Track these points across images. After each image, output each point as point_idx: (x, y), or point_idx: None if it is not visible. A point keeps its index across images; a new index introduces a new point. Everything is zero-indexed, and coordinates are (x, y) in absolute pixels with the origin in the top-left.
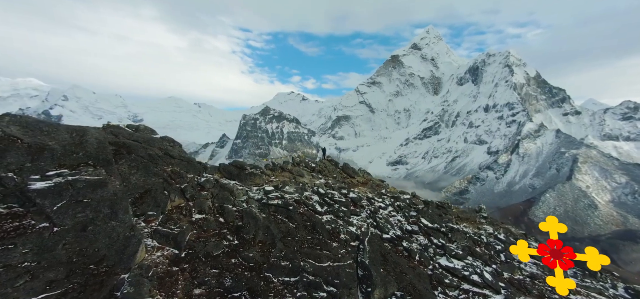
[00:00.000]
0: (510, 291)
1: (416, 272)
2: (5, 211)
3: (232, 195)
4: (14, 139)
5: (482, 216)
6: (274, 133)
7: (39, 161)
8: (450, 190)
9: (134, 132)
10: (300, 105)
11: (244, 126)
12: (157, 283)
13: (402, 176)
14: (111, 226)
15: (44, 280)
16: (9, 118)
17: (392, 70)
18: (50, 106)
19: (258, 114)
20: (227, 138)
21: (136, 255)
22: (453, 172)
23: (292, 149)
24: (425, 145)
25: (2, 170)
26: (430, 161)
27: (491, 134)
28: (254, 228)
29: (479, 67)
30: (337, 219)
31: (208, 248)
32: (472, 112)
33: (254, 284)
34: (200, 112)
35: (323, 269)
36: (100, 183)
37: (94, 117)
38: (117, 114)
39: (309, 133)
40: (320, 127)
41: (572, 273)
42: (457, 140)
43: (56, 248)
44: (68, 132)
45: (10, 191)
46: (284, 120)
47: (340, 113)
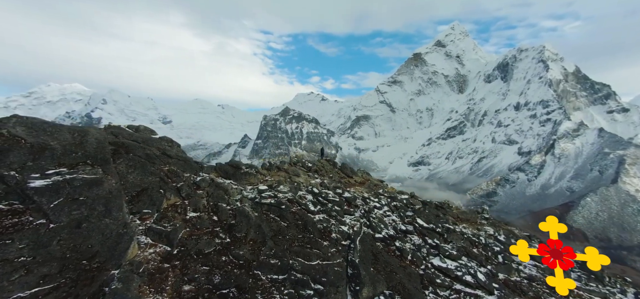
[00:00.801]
0: (504, 292)
1: (407, 272)
2: (6, 208)
3: (226, 194)
4: (18, 139)
5: (484, 218)
6: (293, 134)
7: (39, 161)
8: (477, 192)
9: (134, 132)
10: (319, 105)
11: (264, 126)
12: (148, 279)
13: (424, 177)
14: (105, 223)
15: (38, 274)
16: (15, 120)
17: (414, 69)
18: (91, 109)
19: (278, 115)
20: (248, 138)
21: (127, 252)
22: (479, 173)
23: (312, 149)
24: (449, 145)
25: (5, 168)
26: (454, 162)
27: (522, 134)
28: (246, 226)
29: (509, 64)
30: (330, 218)
31: (200, 245)
32: (501, 110)
33: (243, 282)
34: (223, 113)
35: (311, 268)
36: (96, 182)
37: (128, 118)
38: (148, 116)
39: (328, 133)
40: (340, 127)
41: (575, 276)
42: (484, 140)
43: (51, 243)
44: (70, 132)
45: (12, 188)
46: (303, 120)
47: (359, 113)
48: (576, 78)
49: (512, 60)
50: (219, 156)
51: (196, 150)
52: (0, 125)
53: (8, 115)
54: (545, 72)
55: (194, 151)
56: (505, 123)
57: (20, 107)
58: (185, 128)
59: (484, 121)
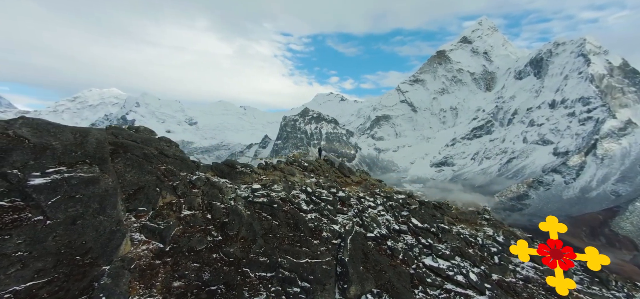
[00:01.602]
0: (497, 292)
1: (397, 271)
2: (7, 205)
3: (221, 193)
4: (23, 139)
5: (484, 218)
6: (312, 134)
7: (41, 160)
8: (506, 195)
9: (134, 132)
10: (339, 105)
11: (284, 127)
12: (138, 275)
13: (447, 178)
14: (99, 220)
15: (33, 269)
16: (22, 121)
17: (438, 67)
18: (126, 112)
19: (297, 115)
20: (268, 138)
21: (119, 248)
22: (509, 175)
23: (331, 149)
24: (474, 145)
25: (8, 167)
26: (480, 163)
27: (558, 133)
28: (238, 224)
29: (544, 58)
30: (322, 217)
31: (192, 243)
32: (534, 108)
33: (231, 279)
34: (245, 114)
35: (299, 266)
36: (92, 180)
37: (158, 120)
38: (176, 118)
39: (347, 133)
40: (359, 127)
41: (577, 279)
42: (514, 140)
43: (47, 239)
44: (72, 132)
45: (14, 186)
46: (322, 120)
47: (379, 113)
48: (623, 72)
49: (547, 54)
50: (241, 156)
51: (220, 150)
52: (8, 126)
53: (58, 119)
54: (586, 66)
55: (218, 151)
56: (539, 121)
57: (66, 110)
58: (210, 129)
59: (514, 120)
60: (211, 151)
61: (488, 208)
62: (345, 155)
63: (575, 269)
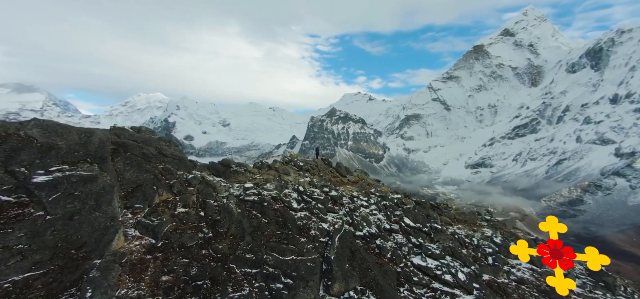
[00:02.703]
0: (485, 292)
1: (383, 269)
2: (14, 200)
3: (214, 191)
4: (32, 139)
5: (484, 219)
6: (339, 134)
7: (46, 159)
8: (555, 199)
9: (136, 133)
10: (366, 105)
11: (311, 127)
12: (129, 269)
13: (485, 180)
14: (94, 216)
15: (31, 261)
16: (34, 122)
17: (474, 62)
18: (168, 115)
19: (324, 116)
20: (296, 139)
21: (111, 243)
22: (559, 178)
23: (358, 149)
24: (517, 145)
25: (16, 165)
26: (524, 165)
27: (622, 131)
28: (228, 222)
29: (604, 49)
30: (312, 216)
31: (183, 239)
32: (591, 104)
33: (217, 274)
34: (274, 116)
35: (284, 263)
36: (91, 178)
37: (195, 122)
38: (211, 119)
39: (375, 133)
40: (388, 127)
41: (580, 282)
42: (566, 139)
43: (46, 233)
44: (78, 133)
45: (20, 183)
46: (349, 120)
47: (409, 112)
48: None
49: (608, 44)
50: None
51: (250, 150)
52: (20, 127)
53: (113, 122)
54: None
55: (249, 151)
56: (597, 119)
57: (119, 114)
58: (241, 130)
59: (565, 117)
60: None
61: (490, 209)
62: (373, 156)
63: (580, 273)
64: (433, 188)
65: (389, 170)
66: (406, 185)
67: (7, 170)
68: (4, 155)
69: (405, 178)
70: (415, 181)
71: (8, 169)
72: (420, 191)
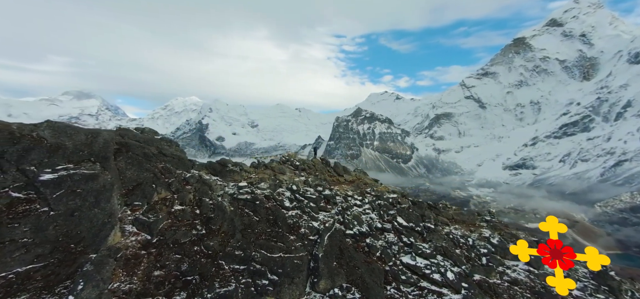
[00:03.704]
0: (473, 292)
1: (371, 267)
2: (23, 197)
3: (210, 190)
4: (42, 140)
5: (484, 220)
6: (365, 134)
7: (54, 158)
8: (613, 205)
9: (140, 133)
10: (394, 104)
11: (336, 128)
12: (123, 264)
13: (526, 182)
14: (94, 212)
15: (34, 254)
16: (46, 124)
17: (514, 57)
18: (202, 117)
19: (350, 116)
20: (321, 139)
21: (107, 239)
22: (618, 181)
23: (384, 150)
24: (565, 144)
25: (27, 164)
26: (574, 166)
27: None
28: (221, 219)
29: None
30: (303, 214)
31: (177, 235)
32: None
33: (206, 270)
34: (300, 116)
35: (271, 260)
36: (92, 177)
37: (226, 124)
38: (240, 121)
39: (402, 133)
40: (416, 126)
41: (581, 285)
42: (627, 138)
43: (48, 228)
44: (85, 134)
45: (30, 181)
46: (375, 120)
47: (439, 111)
48: None
49: None
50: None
51: (277, 150)
52: (34, 129)
53: (154, 125)
54: None
55: (276, 151)
56: None
57: (160, 117)
58: (269, 131)
59: (625, 114)
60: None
61: (493, 210)
62: (401, 156)
63: (582, 275)
64: (466, 190)
65: (417, 171)
66: (436, 187)
67: (18, 169)
68: (16, 155)
69: (435, 180)
70: (446, 183)
71: (20, 167)
72: (452, 193)
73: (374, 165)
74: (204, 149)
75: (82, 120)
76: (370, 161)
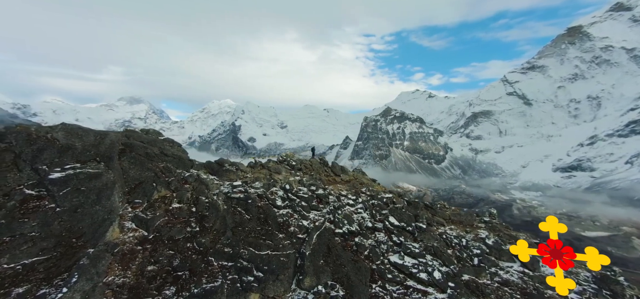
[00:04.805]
0: (459, 291)
1: (357, 265)
2: (35, 194)
3: (207, 189)
4: (55, 141)
5: (483, 221)
6: (395, 134)
7: (64, 158)
8: None
9: (145, 134)
10: (426, 103)
11: (365, 128)
12: (119, 258)
13: (582, 186)
14: (95, 209)
15: (39, 247)
16: (61, 126)
17: (568, 48)
18: (235, 119)
19: (379, 115)
20: (349, 140)
21: (106, 234)
22: None
23: (415, 150)
24: (632, 144)
25: (40, 163)
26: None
27: None
28: (214, 217)
29: None
30: (294, 213)
31: (172, 232)
32: None
33: (196, 266)
34: (328, 117)
35: (258, 257)
36: (96, 175)
37: (257, 125)
38: (271, 122)
39: (435, 133)
40: (450, 125)
41: (580, 289)
42: None
43: (53, 223)
44: (94, 135)
45: (41, 179)
46: (406, 120)
47: (477, 109)
48: None
49: None
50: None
51: (305, 151)
52: (50, 130)
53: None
54: None
55: (304, 152)
56: None
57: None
58: (297, 131)
59: None
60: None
61: (494, 211)
62: (433, 157)
63: (584, 279)
64: (508, 194)
65: (451, 172)
66: (473, 189)
67: (32, 167)
68: (31, 155)
69: (472, 182)
70: (485, 185)
71: (33, 166)
72: (491, 196)
73: (404, 165)
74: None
75: (133, 123)
76: (400, 162)
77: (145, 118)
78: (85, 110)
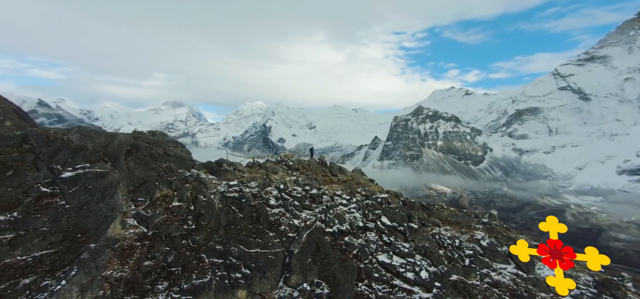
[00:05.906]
0: (445, 291)
1: (344, 264)
2: (49, 191)
3: (205, 188)
4: (70, 142)
5: (481, 222)
6: (427, 134)
7: (76, 158)
8: None
9: (151, 136)
10: (462, 100)
11: (394, 128)
12: (119, 253)
13: None
14: (99, 206)
15: (48, 241)
16: (76, 129)
17: (637, 35)
18: (265, 120)
19: (410, 115)
20: (378, 140)
21: (107, 230)
22: None
23: (449, 150)
24: None
25: (55, 162)
26: None
27: None
28: (209, 215)
29: None
30: (286, 212)
31: (170, 230)
32: None
33: (188, 262)
34: (356, 117)
35: (247, 254)
36: (102, 175)
37: (287, 126)
38: (299, 123)
39: (472, 132)
40: (490, 124)
41: (578, 293)
42: None
43: (62, 219)
44: (105, 137)
45: (56, 177)
46: (439, 119)
47: (522, 106)
48: None
49: None
50: (352, 157)
51: (333, 151)
52: (66, 132)
53: (228, 129)
54: None
55: (332, 152)
56: None
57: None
58: (325, 132)
59: None
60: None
61: (494, 212)
62: (470, 157)
63: (585, 282)
64: (560, 198)
65: (491, 174)
66: (516, 192)
67: (49, 167)
68: (48, 155)
69: (516, 184)
70: (532, 189)
71: (49, 166)
72: (539, 200)
73: (437, 166)
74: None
75: (175, 126)
76: (432, 163)
77: (186, 121)
78: (136, 114)
